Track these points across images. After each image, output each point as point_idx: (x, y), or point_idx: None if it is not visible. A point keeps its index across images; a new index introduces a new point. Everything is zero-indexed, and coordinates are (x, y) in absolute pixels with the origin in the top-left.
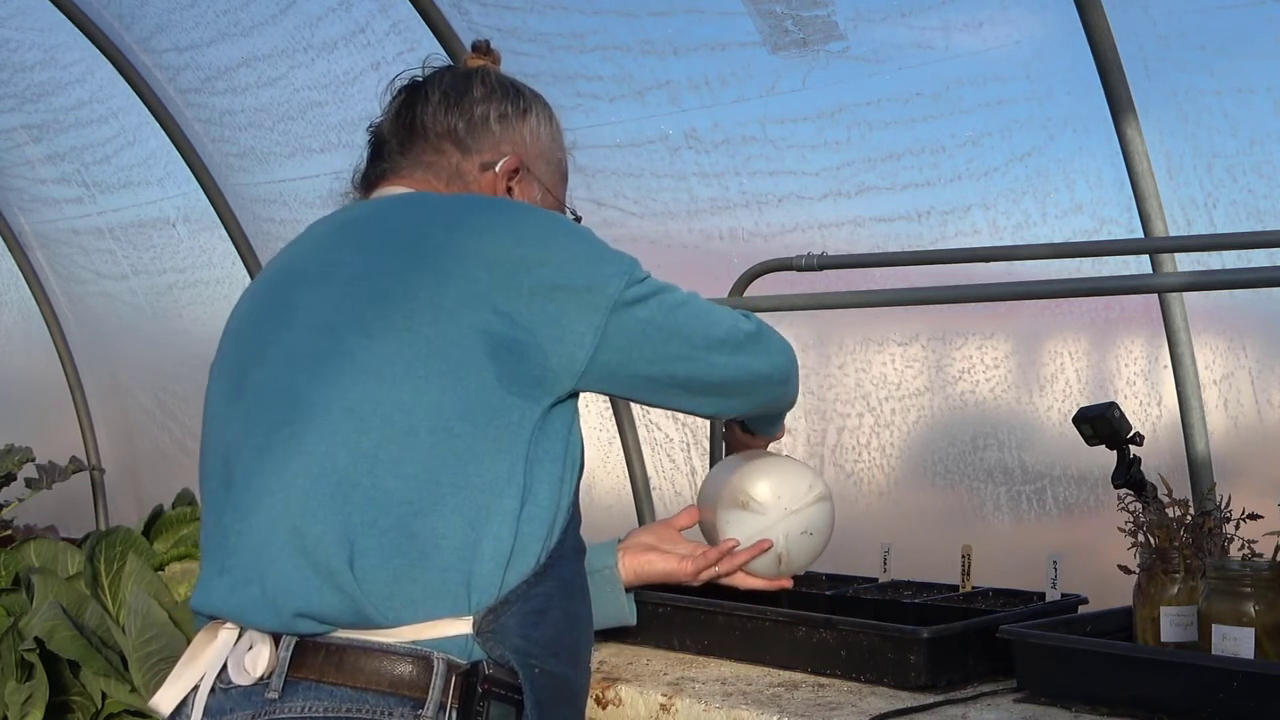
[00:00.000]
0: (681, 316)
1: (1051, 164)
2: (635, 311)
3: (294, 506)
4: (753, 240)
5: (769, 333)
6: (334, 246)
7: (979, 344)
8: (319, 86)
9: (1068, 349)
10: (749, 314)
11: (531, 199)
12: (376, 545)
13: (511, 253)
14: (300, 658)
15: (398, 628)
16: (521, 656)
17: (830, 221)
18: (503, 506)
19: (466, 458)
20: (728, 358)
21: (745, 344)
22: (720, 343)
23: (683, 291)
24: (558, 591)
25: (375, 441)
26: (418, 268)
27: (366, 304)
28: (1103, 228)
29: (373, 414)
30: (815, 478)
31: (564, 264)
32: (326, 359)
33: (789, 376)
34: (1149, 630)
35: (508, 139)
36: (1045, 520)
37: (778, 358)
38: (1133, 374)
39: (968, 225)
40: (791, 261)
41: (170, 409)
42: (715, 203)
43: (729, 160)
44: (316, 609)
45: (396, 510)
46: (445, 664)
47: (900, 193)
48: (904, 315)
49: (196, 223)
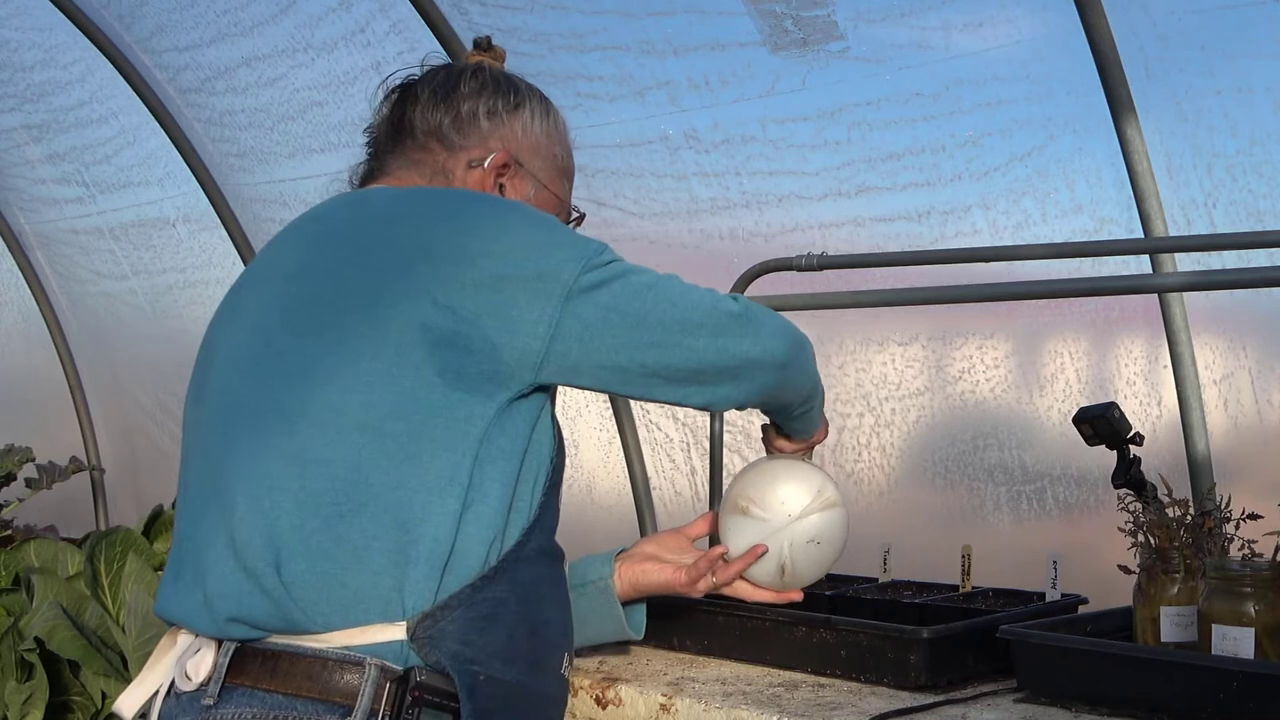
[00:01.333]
0: (650, 300)
1: (1051, 164)
2: (595, 297)
3: (228, 511)
4: (753, 240)
5: (760, 314)
6: (282, 247)
7: (979, 344)
8: (319, 86)
9: (1068, 349)
10: (737, 296)
11: (525, 196)
12: (304, 549)
13: (453, 243)
14: (240, 663)
15: (330, 633)
16: (460, 663)
17: (830, 221)
18: (441, 507)
19: (400, 457)
20: (707, 341)
21: (728, 326)
22: (698, 326)
23: (655, 273)
24: (513, 596)
25: (302, 443)
26: (353, 263)
27: (299, 303)
28: (1103, 228)
29: (299, 415)
30: (825, 483)
31: (511, 252)
32: (259, 361)
33: (787, 360)
34: (1149, 630)
35: (497, 135)
36: (1045, 520)
37: (770, 340)
38: (1133, 374)
39: (968, 225)
40: (791, 261)
41: (170, 409)
42: (715, 203)
43: (729, 160)
44: (248, 614)
45: (324, 513)
46: (378, 670)
47: (900, 193)
48: (904, 315)
49: (197, 223)
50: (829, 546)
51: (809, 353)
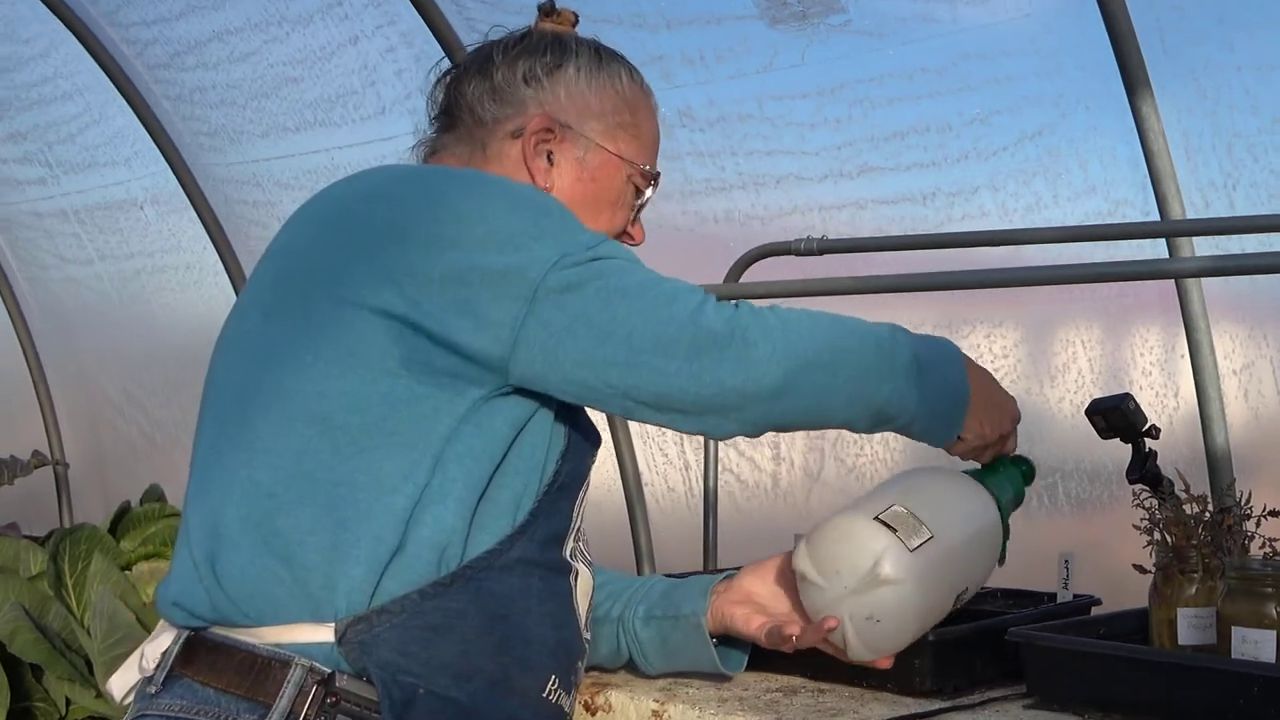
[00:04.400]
0: (622, 310)
1: (1063, 143)
2: (564, 301)
3: (192, 497)
4: (749, 223)
5: (757, 331)
6: (289, 221)
7: (987, 332)
8: (294, 62)
9: (1080, 337)
10: (739, 305)
11: (576, 160)
12: (242, 541)
13: (427, 228)
14: (190, 653)
15: (260, 628)
16: (390, 673)
17: (830, 203)
18: (387, 506)
19: (349, 452)
20: (680, 364)
21: (706, 347)
22: (671, 344)
23: (642, 275)
24: (475, 608)
25: (253, 431)
26: (323, 242)
27: (270, 284)
28: (1117, 210)
29: (253, 401)
30: (889, 549)
31: (484, 242)
32: (234, 343)
33: (781, 389)
34: (1165, 633)
35: (536, 99)
36: (1056, 517)
37: (759, 367)
38: (1148, 364)
39: (975, 207)
40: (790, 245)
41: (138, 400)
42: (710, 184)
43: (724, 139)
44: (188, 602)
45: (264, 505)
46: (304, 671)
47: (904, 173)
48: (908, 302)
49: (165, 205)
50: (890, 625)
51: (848, 369)
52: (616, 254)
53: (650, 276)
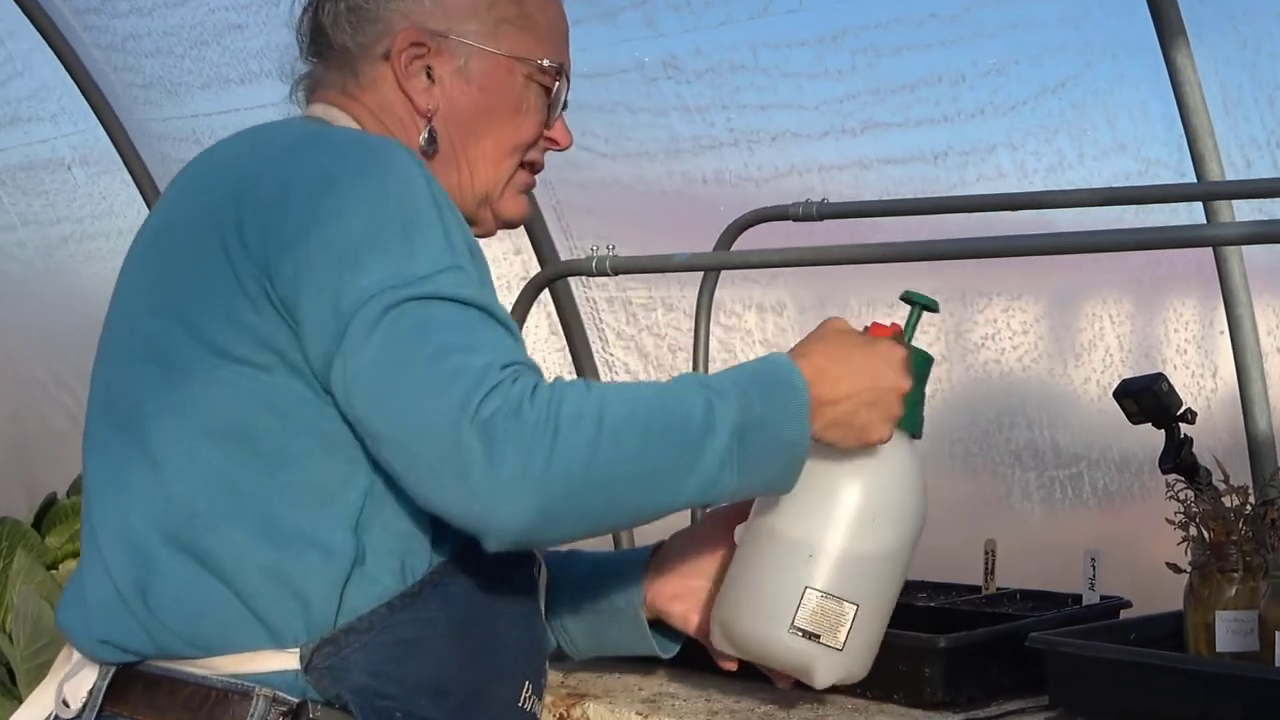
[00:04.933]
0: (398, 379)
1: (1089, 96)
2: (359, 351)
3: (97, 520)
4: (742, 185)
5: (511, 455)
6: (169, 189)
7: (1004, 305)
8: (237, 7)
9: (1108, 311)
10: (519, 402)
11: (460, 73)
12: (174, 565)
13: (271, 222)
14: (121, 689)
15: (212, 658)
16: (366, 698)
17: (832, 163)
18: (333, 517)
19: (275, 460)
20: (430, 467)
21: (452, 463)
22: (427, 439)
23: (441, 336)
24: (445, 616)
25: (162, 444)
26: (187, 228)
27: (152, 271)
28: (1149, 170)
29: (158, 411)
30: (814, 663)
31: (320, 252)
32: (119, 338)
33: (533, 528)
34: (1202, 638)
35: (401, 11)
36: (1082, 511)
37: (503, 503)
38: (1184, 340)
39: (992, 168)
40: (787, 210)
41: (65, 381)
42: (699, 141)
43: (714, 92)
44: (120, 638)
45: (188, 526)
46: (266, 702)
47: (913, 130)
48: (916, 272)
49: (96, 165)
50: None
51: (634, 484)
52: (442, 292)
53: (450, 341)
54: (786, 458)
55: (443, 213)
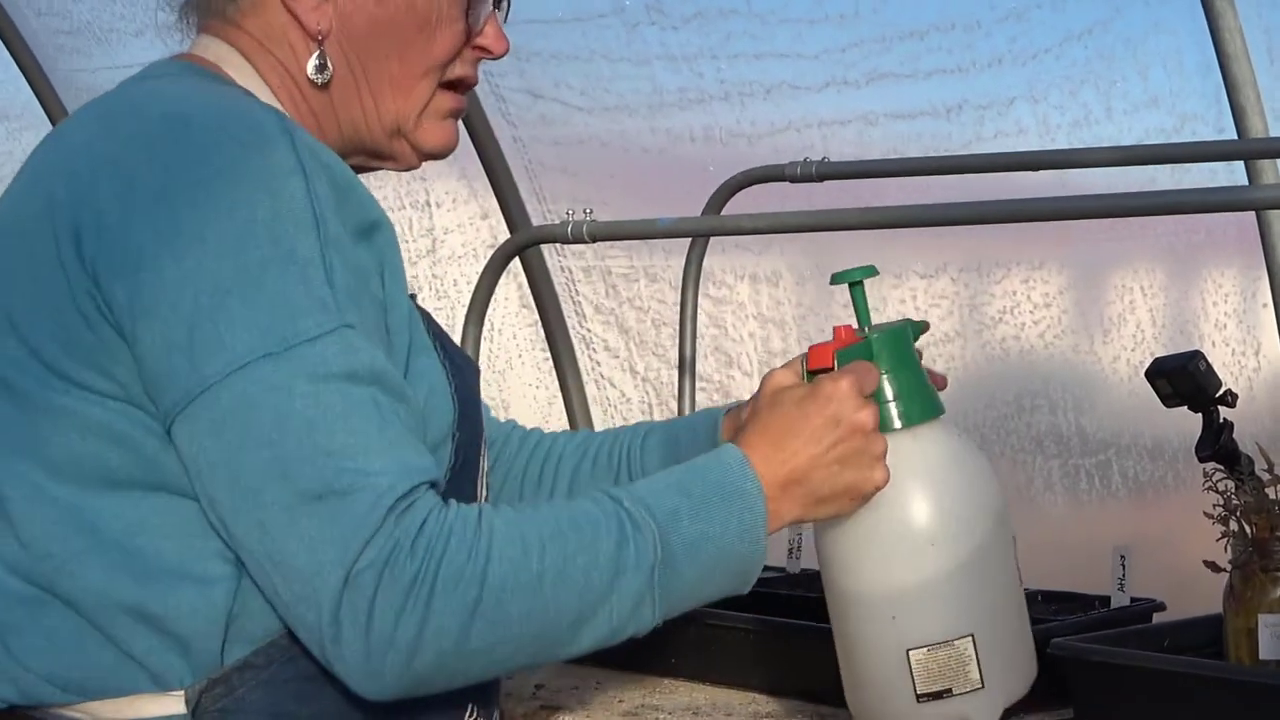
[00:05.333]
0: (254, 471)
1: (1118, 44)
2: (224, 429)
3: None
4: (734, 143)
5: (384, 627)
6: (22, 170)
7: (1024, 276)
8: None
9: (1139, 283)
10: (413, 549)
11: (365, 11)
12: (35, 610)
13: (122, 236)
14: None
15: (89, 703)
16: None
17: (833, 119)
18: (205, 546)
19: (136, 491)
20: (317, 618)
21: (330, 620)
22: (303, 579)
23: (326, 437)
24: None
25: (4, 480)
26: (22, 227)
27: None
28: (1184, 126)
29: (2, 444)
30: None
31: (176, 291)
32: None
33: (409, 687)
34: (1244, 644)
35: None
36: (1110, 503)
37: (381, 672)
38: (1222, 315)
39: (1010, 123)
40: (783, 170)
41: None
42: (685, 94)
43: (703, 39)
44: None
45: (43, 569)
46: None
47: (923, 81)
48: (928, 239)
49: (17, 120)
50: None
51: (524, 640)
52: (330, 367)
53: (336, 446)
54: (737, 568)
55: (326, 237)
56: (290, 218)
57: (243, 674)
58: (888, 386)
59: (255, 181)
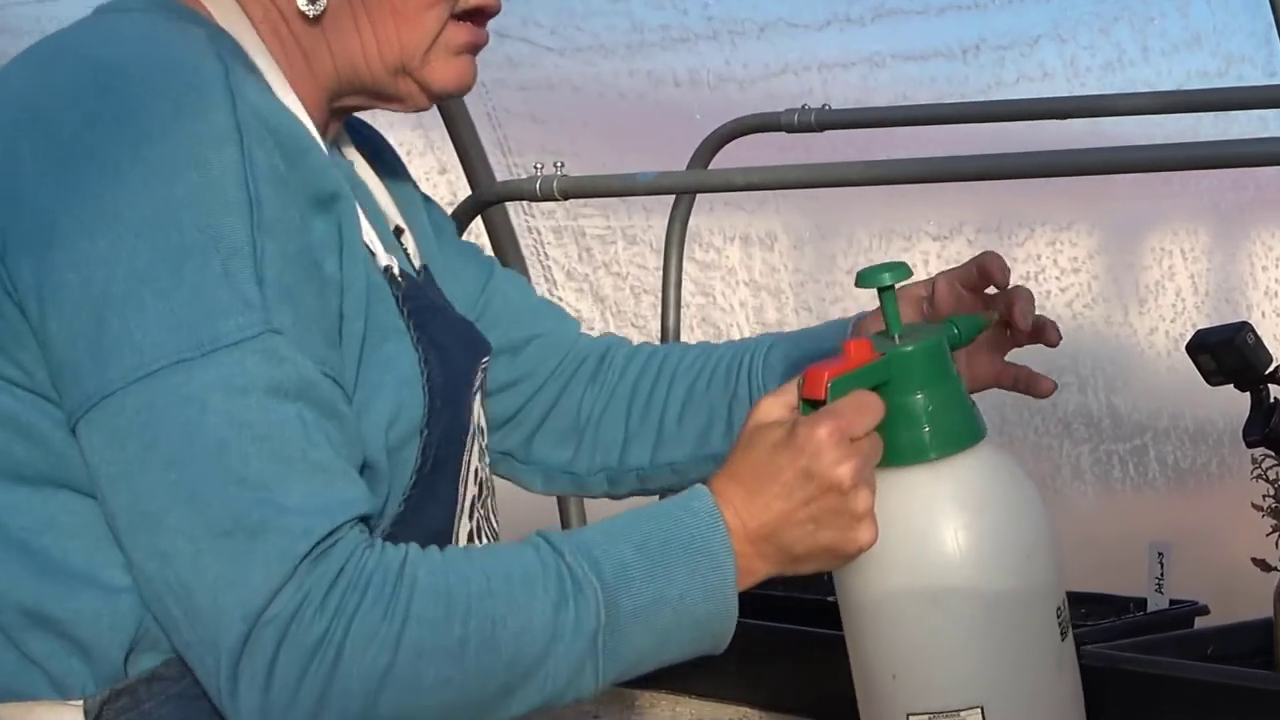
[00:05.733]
0: (160, 493)
1: None
2: (128, 441)
3: None
4: (724, 87)
5: (288, 681)
6: None
7: (1050, 238)
8: None
9: (1179, 246)
10: (328, 592)
11: None
12: None
13: (41, 217)
14: None
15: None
16: None
17: (834, 60)
18: (115, 550)
19: (45, 487)
20: (214, 662)
21: (229, 672)
22: (205, 624)
23: (237, 462)
24: None
25: None
26: None
27: None
28: (1229, 69)
29: None
30: None
31: (63, 279)
32: None
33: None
34: None
35: None
36: (1146, 494)
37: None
38: (1273, 281)
39: (1034, 65)
40: (779, 118)
41: None
42: (669, 33)
43: None
44: None
45: None
46: None
47: (936, 19)
48: (941, 196)
49: None
50: None
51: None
52: (251, 379)
53: (252, 475)
54: (702, 632)
55: (260, 219)
56: (218, 196)
57: (150, 686)
58: (907, 411)
59: (183, 150)
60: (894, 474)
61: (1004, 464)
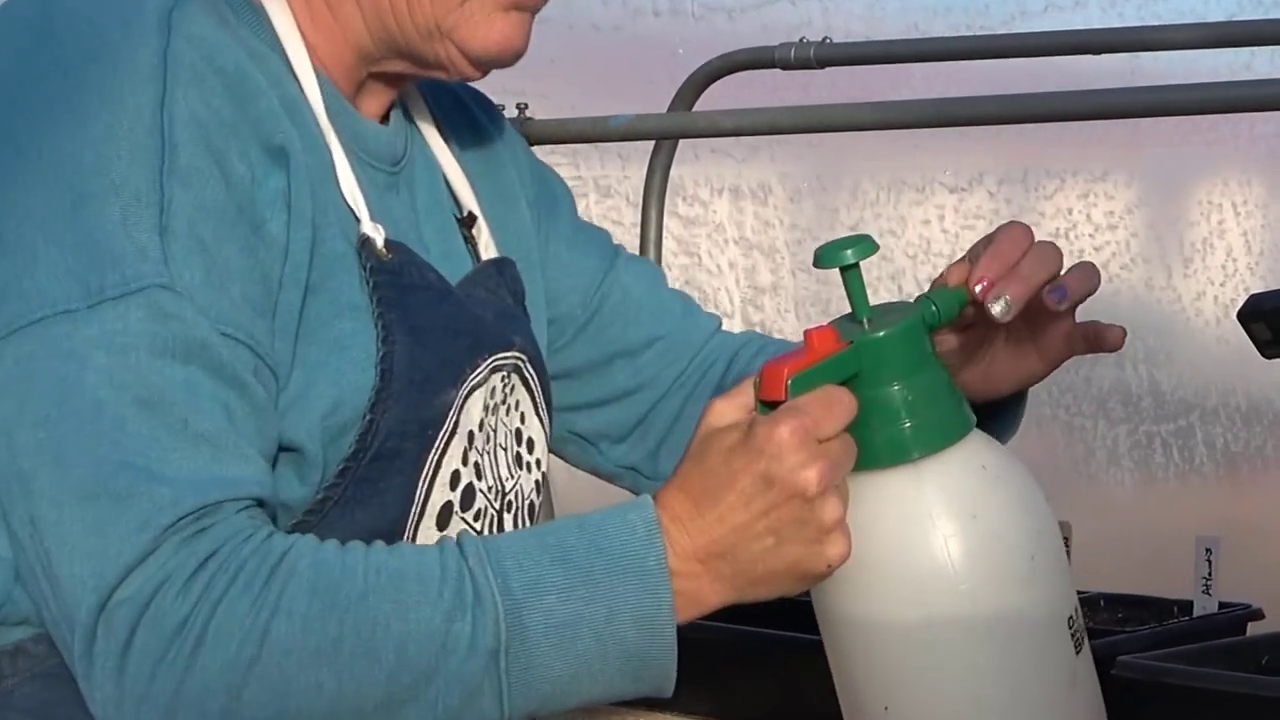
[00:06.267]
0: (44, 477)
1: None
2: (10, 390)
3: None
4: (710, 18)
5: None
6: None
7: (1083, 190)
8: None
9: (1230, 199)
10: (197, 570)
11: None
12: None
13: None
14: None
15: None
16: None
17: None
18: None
19: None
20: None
21: (85, 641)
22: (67, 590)
23: (114, 428)
24: None
25: None
26: None
27: None
28: None
29: None
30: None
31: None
32: None
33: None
34: None
35: None
36: (1192, 481)
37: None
38: None
39: None
40: (773, 53)
41: None
42: None
43: None
44: None
45: None
46: None
47: None
48: (959, 143)
49: None
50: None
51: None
52: (134, 337)
53: (127, 440)
54: (635, 666)
55: (172, 166)
56: (126, 139)
57: (15, 660)
58: (882, 405)
59: (98, 89)
60: (871, 478)
61: (997, 458)
